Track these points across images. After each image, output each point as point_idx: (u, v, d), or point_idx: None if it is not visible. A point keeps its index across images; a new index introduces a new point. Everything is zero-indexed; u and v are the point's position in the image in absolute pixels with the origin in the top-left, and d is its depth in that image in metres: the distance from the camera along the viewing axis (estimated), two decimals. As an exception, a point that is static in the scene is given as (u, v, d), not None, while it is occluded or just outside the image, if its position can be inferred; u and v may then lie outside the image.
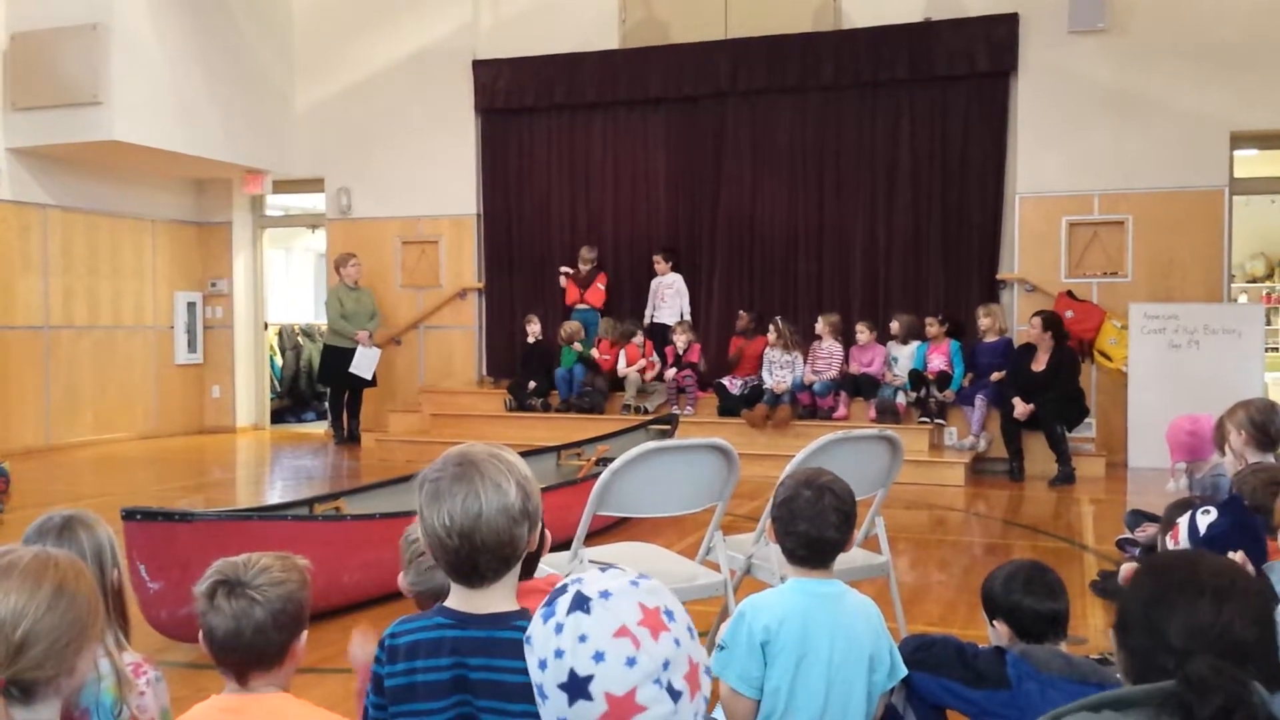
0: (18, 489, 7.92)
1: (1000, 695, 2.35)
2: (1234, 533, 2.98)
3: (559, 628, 1.43)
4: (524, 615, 1.83)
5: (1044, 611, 2.58)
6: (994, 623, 2.65)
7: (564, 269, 11.17)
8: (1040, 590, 2.60)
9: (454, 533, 1.77)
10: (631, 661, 1.39)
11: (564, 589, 1.49)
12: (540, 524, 1.90)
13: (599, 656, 1.40)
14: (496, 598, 1.84)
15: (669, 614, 1.47)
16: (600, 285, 11.06)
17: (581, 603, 1.44)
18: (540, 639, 1.46)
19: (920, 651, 2.52)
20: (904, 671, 2.47)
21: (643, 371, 10.31)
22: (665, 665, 1.41)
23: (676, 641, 1.44)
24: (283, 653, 1.98)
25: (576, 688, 1.40)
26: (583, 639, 1.41)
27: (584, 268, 11.05)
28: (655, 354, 10.42)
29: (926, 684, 2.48)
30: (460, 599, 1.85)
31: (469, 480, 1.78)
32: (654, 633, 1.43)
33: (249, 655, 1.95)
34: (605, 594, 1.45)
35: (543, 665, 1.44)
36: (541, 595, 2.25)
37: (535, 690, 1.47)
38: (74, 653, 1.67)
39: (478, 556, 1.78)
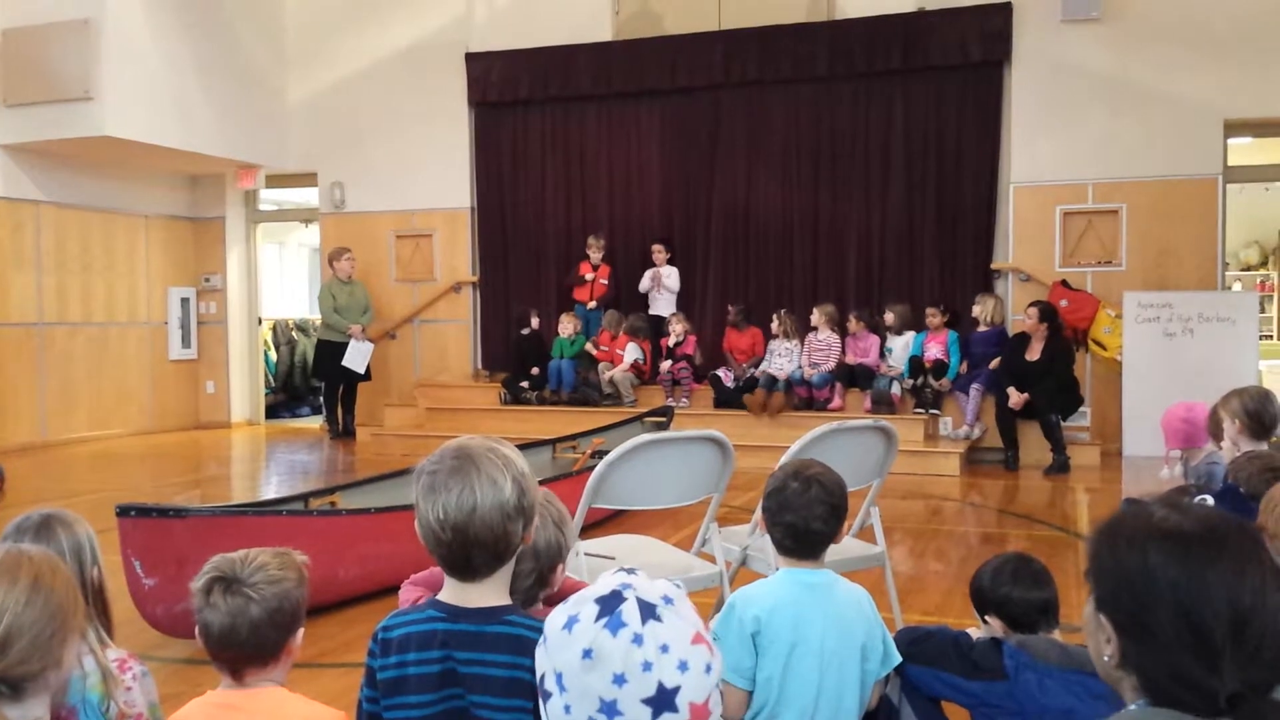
0: (12, 486, 7.91)
1: (998, 686, 2.35)
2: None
3: (638, 639, 1.37)
4: (514, 610, 1.85)
5: (1034, 601, 2.58)
6: (986, 618, 2.66)
7: (591, 262, 11.00)
8: (1028, 580, 2.61)
9: (448, 527, 1.77)
10: (709, 668, 1.38)
11: (618, 596, 1.42)
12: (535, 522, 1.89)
13: (683, 666, 1.36)
14: (488, 592, 1.84)
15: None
16: (603, 280, 11.05)
17: (650, 611, 1.40)
18: (615, 653, 1.38)
19: (915, 644, 2.52)
20: (897, 659, 2.46)
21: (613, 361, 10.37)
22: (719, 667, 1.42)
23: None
24: (278, 650, 1.97)
25: (663, 701, 1.36)
26: (665, 649, 1.37)
27: (595, 256, 10.99)
28: (633, 349, 10.39)
29: (923, 677, 2.48)
30: (453, 592, 1.86)
31: (465, 475, 1.78)
32: (710, 635, 1.42)
33: (244, 652, 1.94)
34: (668, 599, 1.41)
35: (620, 680, 1.37)
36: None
37: (602, 707, 1.39)
38: (58, 644, 1.66)
39: (471, 551, 1.79)
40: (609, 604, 1.41)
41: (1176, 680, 1.30)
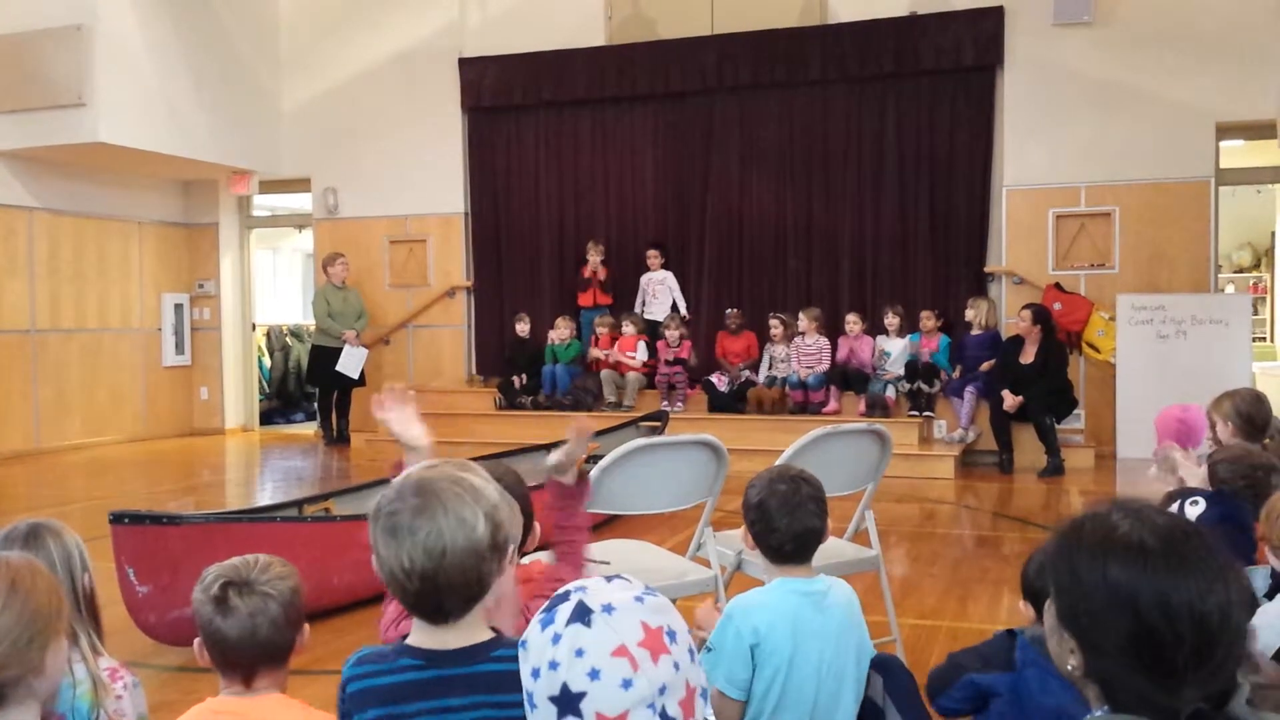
0: (6, 493, 7.89)
1: (1006, 677, 2.36)
2: (1223, 524, 2.97)
3: (556, 638, 1.37)
4: (499, 644, 1.73)
5: None
6: (1023, 603, 2.68)
7: (593, 269, 11.01)
8: None
9: (415, 575, 1.63)
10: (627, 684, 1.34)
11: (566, 596, 1.42)
12: (511, 541, 1.85)
13: (594, 674, 1.34)
14: (465, 630, 1.71)
15: (671, 635, 1.40)
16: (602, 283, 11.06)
17: (583, 614, 1.37)
18: (536, 646, 1.39)
19: (937, 682, 2.52)
20: (872, 652, 2.48)
21: (618, 366, 10.33)
22: (662, 690, 1.36)
23: (676, 665, 1.38)
24: (290, 648, 1.99)
25: (567, 703, 1.35)
26: (579, 654, 1.35)
27: (595, 260, 10.98)
28: (643, 349, 10.40)
29: (952, 698, 2.46)
30: (425, 635, 1.72)
31: (431, 514, 1.64)
32: (654, 655, 1.37)
33: (263, 653, 1.95)
34: (608, 608, 1.38)
35: (535, 674, 1.38)
36: (532, 584, 2.25)
37: (525, 697, 1.41)
38: (38, 650, 1.64)
39: (441, 598, 1.65)
40: (554, 602, 1.42)
41: (1136, 697, 1.29)
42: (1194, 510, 3.07)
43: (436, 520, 1.63)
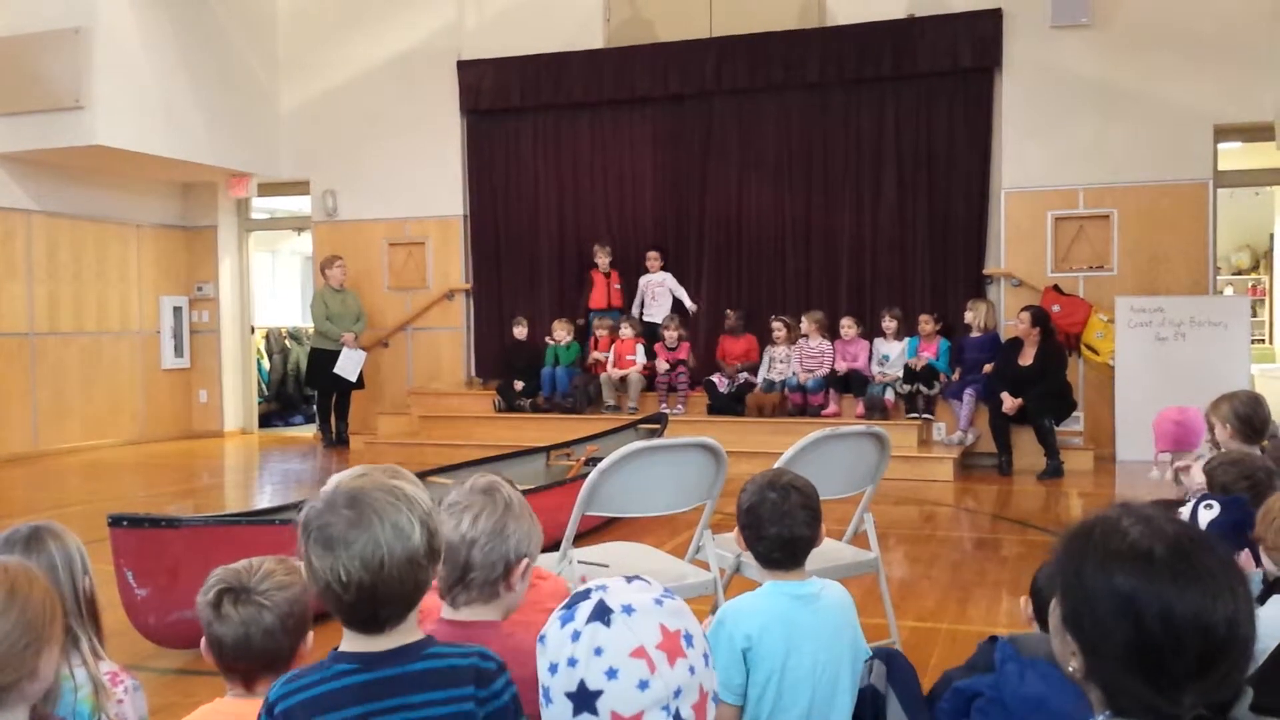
0: (4, 496, 7.88)
1: (987, 678, 2.38)
2: (1237, 531, 2.96)
3: (576, 635, 1.40)
4: (431, 642, 1.69)
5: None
6: (1024, 598, 2.69)
7: (600, 269, 10.98)
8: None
9: (351, 587, 1.59)
10: (644, 685, 1.36)
11: (587, 594, 1.44)
12: (529, 556, 1.83)
13: (612, 674, 1.36)
14: (398, 633, 1.67)
15: (688, 639, 1.42)
16: (615, 285, 11.04)
17: (603, 613, 1.40)
18: (555, 642, 1.42)
19: (935, 699, 2.53)
20: (868, 652, 2.49)
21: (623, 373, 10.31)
22: (677, 693, 1.38)
23: (691, 669, 1.41)
24: (291, 655, 1.99)
25: (584, 700, 1.37)
26: (598, 652, 1.37)
27: (603, 263, 10.97)
28: (641, 351, 10.38)
29: (943, 709, 2.47)
30: (356, 641, 1.68)
31: (366, 526, 1.60)
32: (671, 658, 1.39)
33: (260, 661, 1.95)
34: (628, 609, 1.41)
35: (553, 669, 1.41)
36: (534, 590, 2.25)
37: (541, 693, 1.43)
38: (33, 656, 1.64)
39: (378, 608, 1.62)
40: (574, 599, 1.44)
41: (1136, 702, 1.29)
42: (1208, 514, 3.06)
43: (372, 531, 1.59)
